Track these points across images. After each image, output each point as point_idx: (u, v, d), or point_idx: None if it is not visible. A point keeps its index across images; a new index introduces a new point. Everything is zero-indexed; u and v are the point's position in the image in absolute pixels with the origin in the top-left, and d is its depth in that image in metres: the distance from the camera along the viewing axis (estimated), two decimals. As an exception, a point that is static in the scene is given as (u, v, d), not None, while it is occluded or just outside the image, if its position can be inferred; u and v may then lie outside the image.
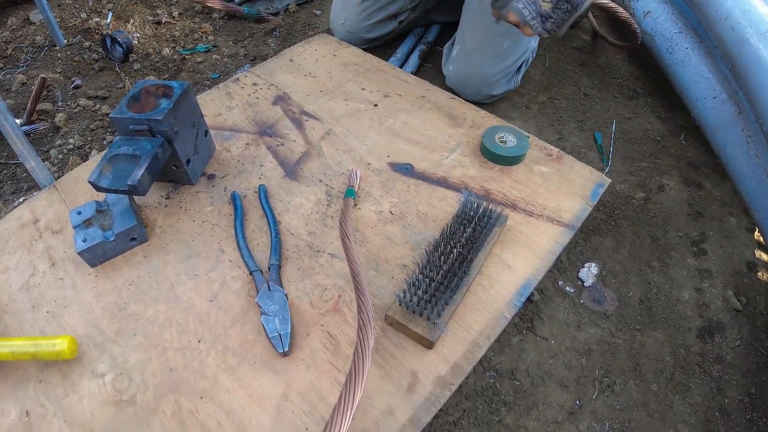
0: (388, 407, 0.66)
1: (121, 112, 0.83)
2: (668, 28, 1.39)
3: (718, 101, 1.20)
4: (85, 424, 0.65)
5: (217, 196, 0.93)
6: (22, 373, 0.70)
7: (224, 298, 0.78)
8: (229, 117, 1.09)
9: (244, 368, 0.70)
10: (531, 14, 0.89)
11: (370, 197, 0.92)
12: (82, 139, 1.27)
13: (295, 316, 0.75)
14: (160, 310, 0.77)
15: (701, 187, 1.21)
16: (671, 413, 0.85)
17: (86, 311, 0.77)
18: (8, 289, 0.80)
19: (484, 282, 0.80)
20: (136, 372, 0.70)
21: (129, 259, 0.83)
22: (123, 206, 0.83)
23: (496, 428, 0.82)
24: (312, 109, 1.11)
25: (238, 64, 1.55)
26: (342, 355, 0.71)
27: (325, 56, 1.26)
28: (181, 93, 0.85)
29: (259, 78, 1.19)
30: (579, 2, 0.86)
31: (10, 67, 1.52)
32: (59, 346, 0.68)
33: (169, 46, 1.60)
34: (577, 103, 1.42)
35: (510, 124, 1.03)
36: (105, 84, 1.46)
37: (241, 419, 0.65)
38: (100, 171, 0.79)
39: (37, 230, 0.88)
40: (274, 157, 1.00)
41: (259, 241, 0.86)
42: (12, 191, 1.17)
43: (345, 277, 0.80)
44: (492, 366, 0.89)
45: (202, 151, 0.95)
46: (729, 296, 1.01)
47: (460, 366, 0.70)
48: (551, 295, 0.99)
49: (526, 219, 0.89)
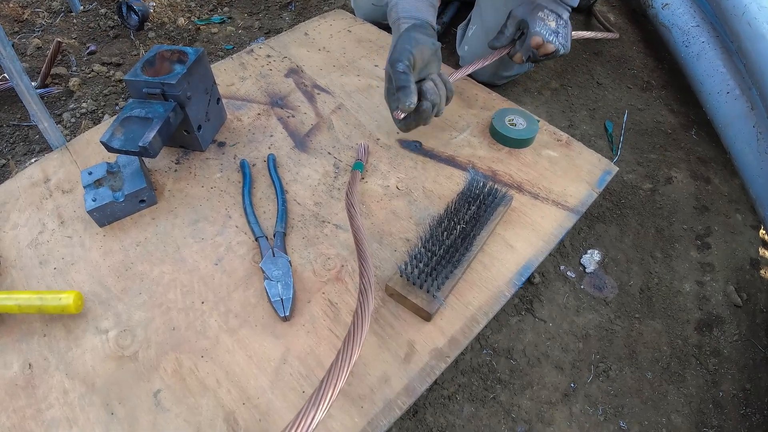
0: (384, 375, 0.67)
1: (136, 74, 0.84)
2: (686, 21, 1.38)
3: (731, 96, 1.19)
4: (86, 377, 0.67)
5: (226, 163, 0.93)
6: (26, 327, 0.72)
7: (229, 262, 0.79)
8: (242, 87, 1.09)
9: (245, 330, 0.71)
10: (547, 33, 1.03)
11: (378, 172, 0.93)
12: (95, 104, 1.28)
13: (298, 283, 0.76)
14: (165, 271, 0.78)
15: (709, 182, 1.21)
16: (665, 402, 0.86)
17: (93, 269, 0.78)
18: (17, 245, 0.81)
19: (485, 260, 0.80)
20: (139, 329, 0.71)
21: (137, 220, 0.84)
22: (133, 168, 0.84)
23: (490, 405, 0.83)
24: (324, 83, 1.11)
25: (253, 36, 1.55)
26: (342, 322, 0.72)
27: (339, 32, 1.26)
28: (195, 59, 0.86)
29: (273, 50, 1.19)
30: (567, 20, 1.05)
31: (26, 31, 1.53)
32: (65, 301, 0.69)
33: (184, 15, 1.61)
34: (589, 91, 1.42)
35: (520, 108, 1.03)
36: (119, 51, 1.46)
37: (239, 379, 0.67)
38: (112, 132, 0.80)
39: (47, 189, 0.89)
40: (285, 128, 1.00)
41: (265, 208, 0.86)
42: (24, 152, 1.18)
43: (348, 248, 0.81)
44: (489, 344, 0.90)
45: (214, 119, 0.96)
46: (730, 291, 1.01)
47: (457, 340, 0.71)
48: (552, 278, 0.99)
49: (531, 201, 0.89)
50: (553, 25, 1.04)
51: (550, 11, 1.03)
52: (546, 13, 1.03)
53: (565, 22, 1.05)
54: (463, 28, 1.35)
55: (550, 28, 1.04)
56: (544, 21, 1.03)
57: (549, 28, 1.03)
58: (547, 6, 1.03)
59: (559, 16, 1.04)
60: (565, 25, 1.05)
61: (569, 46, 1.07)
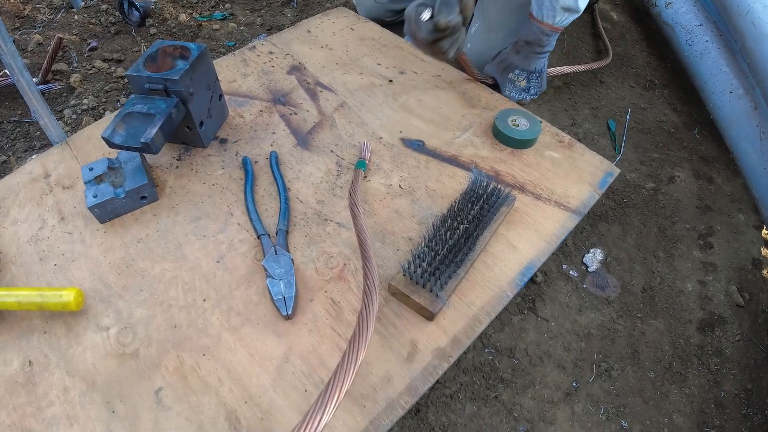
0: (386, 374, 0.67)
1: (138, 70, 0.83)
2: (689, 20, 1.38)
3: (734, 96, 1.19)
4: (87, 375, 0.66)
5: (228, 160, 0.93)
6: (27, 324, 0.71)
7: (231, 260, 0.78)
8: (244, 83, 1.09)
9: (247, 328, 0.71)
10: (517, 93, 1.12)
11: (380, 170, 0.92)
12: (96, 101, 1.28)
13: (300, 281, 0.76)
14: (166, 268, 0.77)
15: (712, 182, 1.21)
16: (666, 402, 0.86)
17: (93, 266, 0.78)
18: (17, 242, 0.81)
19: (488, 260, 0.80)
20: (140, 327, 0.71)
21: (138, 217, 0.84)
22: (135, 164, 0.84)
23: (492, 404, 0.83)
24: (327, 81, 1.10)
25: (254, 33, 1.55)
26: (344, 321, 0.72)
27: (342, 29, 1.26)
28: (198, 55, 0.85)
29: (275, 47, 1.19)
30: (542, 68, 1.10)
31: (27, 27, 1.52)
32: (66, 298, 0.68)
33: (186, 12, 1.60)
34: (592, 90, 1.41)
35: (523, 108, 1.03)
36: (121, 47, 1.46)
37: (241, 377, 0.66)
38: (113, 128, 0.80)
39: (47, 185, 0.89)
40: (287, 125, 1.00)
41: (267, 206, 0.86)
42: (25, 149, 1.18)
43: (351, 247, 0.81)
44: (491, 343, 0.90)
45: (216, 115, 0.95)
46: (732, 291, 1.01)
47: (460, 339, 0.71)
48: (555, 277, 0.99)
49: (533, 202, 0.89)
50: (523, 84, 1.11)
51: (521, 70, 1.09)
52: (516, 74, 1.09)
53: (538, 72, 1.10)
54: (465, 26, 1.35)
55: (519, 87, 1.11)
56: (514, 83, 1.11)
57: (518, 88, 1.12)
58: (519, 65, 1.08)
59: (530, 72, 1.09)
60: (539, 75, 1.10)
61: (545, 86, 1.14)
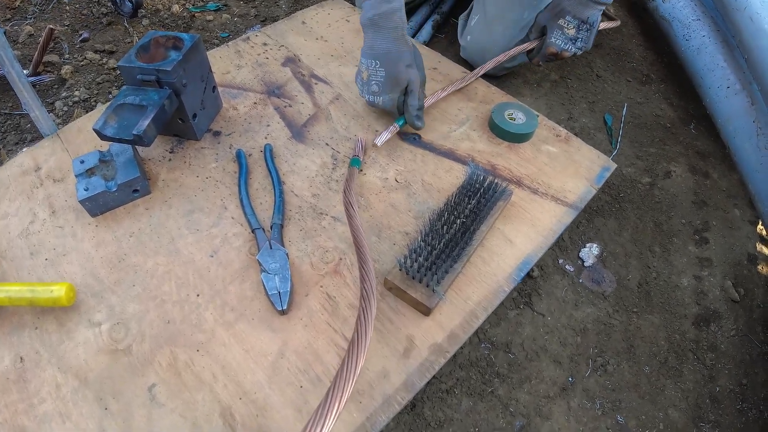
0: (383, 370, 0.66)
1: (130, 61, 0.82)
2: (686, 15, 1.37)
3: (731, 91, 1.19)
4: (79, 371, 0.65)
5: (222, 153, 0.92)
6: (17, 320, 0.70)
7: (225, 254, 0.78)
8: (238, 75, 1.08)
9: (241, 324, 0.70)
10: (563, 42, 1.07)
11: (376, 164, 0.91)
12: (87, 92, 1.26)
13: (295, 276, 0.75)
14: (159, 263, 0.76)
15: (708, 177, 1.21)
16: (662, 396, 0.86)
17: (85, 260, 0.77)
18: (7, 236, 0.79)
19: (484, 255, 0.79)
20: (133, 322, 0.70)
21: (130, 210, 0.83)
22: (126, 157, 0.83)
23: (489, 399, 0.83)
24: (322, 73, 1.09)
25: (248, 24, 1.53)
26: (340, 316, 0.71)
27: (337, 21, 1.24)
28: (191, 45, 0.84)
29: (269, 38, 1.17)
30: (594, 20, 1.05)
31: (18, 18, 1.50)
32: (57, 293, 0.67)
33: (179, 2, 1.58)
34: (589, 84, 1.41)
35: (520, 102, 1.02)
36: (113, 38, 1.44)
37: (236, 373, 0.66)
38: (105, 119, 0.78)
39: (38, 178, 0.87)
40: (282, 118, 0.99)
41: (262, 200, 0.85)
42: (15, 141, 1.16)
43: (346, 241, 0.80)
44: (488, 338, 0.89)
45: (209, 107, 0.94)
46: (727, 286, 1.01)
47: (456, 335, 0.70)
48: (551, 272, 0.99)
49: (530, 196, 0.88)
50: (572, 33, 1.06)
51: (573, 17, 1.04)
52: (567, 21, 1.05)
53: (590, 25, 1.05)
54: (464, 19, 1.34)
55: (567, 36, 1.06)
56: (563, 29, 1.06)
57: (566, 37, 1.07)
58: (571, 11, 1.04)
59: (582, 21, 1.04)
60: (589, 28, 1.06)
61: (590, 45, 1.09)
